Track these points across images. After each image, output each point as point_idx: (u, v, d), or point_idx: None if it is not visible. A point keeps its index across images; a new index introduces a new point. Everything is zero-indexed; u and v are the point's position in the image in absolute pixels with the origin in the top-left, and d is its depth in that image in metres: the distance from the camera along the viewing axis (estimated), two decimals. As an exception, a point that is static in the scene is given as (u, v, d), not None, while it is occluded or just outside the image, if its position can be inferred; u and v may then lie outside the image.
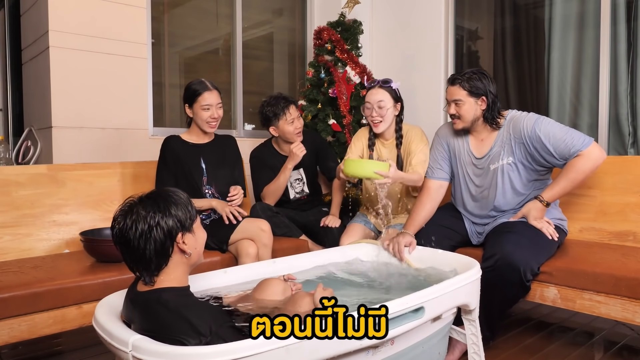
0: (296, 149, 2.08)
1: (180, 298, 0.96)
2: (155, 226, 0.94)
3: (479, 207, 1.73)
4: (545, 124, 1.57)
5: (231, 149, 2.01)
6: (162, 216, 0.95)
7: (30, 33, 2.50)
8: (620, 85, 2.32)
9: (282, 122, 2.12)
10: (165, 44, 2.82)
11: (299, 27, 3.38)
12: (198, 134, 1.93)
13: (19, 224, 1.75)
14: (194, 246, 1.01)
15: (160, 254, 0.96)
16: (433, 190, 1.78)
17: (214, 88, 1.88)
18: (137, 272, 0.99)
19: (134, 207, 0.96)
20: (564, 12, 2.51)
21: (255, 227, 1.74)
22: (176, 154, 1.87)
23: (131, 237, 0.94)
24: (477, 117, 1.66)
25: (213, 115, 1.86)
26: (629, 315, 1.37)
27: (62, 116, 2.25)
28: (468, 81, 1.63)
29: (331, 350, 0.94)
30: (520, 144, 1.60)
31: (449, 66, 2.89)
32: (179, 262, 0.99)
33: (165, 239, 0.95)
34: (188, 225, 0.99)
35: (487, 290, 1.38)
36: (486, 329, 1.52)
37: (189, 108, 1.89)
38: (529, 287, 1.49)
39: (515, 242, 1.48)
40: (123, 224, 0.95)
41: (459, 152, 1.76)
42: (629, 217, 1.74)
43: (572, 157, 1.53)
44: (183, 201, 0.99)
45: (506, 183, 1.65)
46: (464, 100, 1.64)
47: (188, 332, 0.89)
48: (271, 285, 1.24)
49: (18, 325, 1.30)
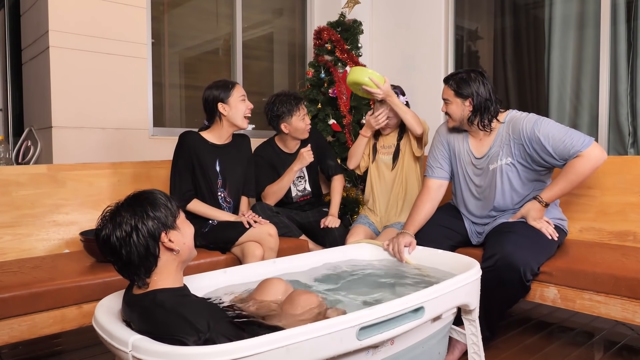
0: (306, 153, 2.08)
1: (176, 297, 0.96)
2: (133, 231, 0.93)
3: (480, 207, 1.73)
4: (544, 125, 1.56)
5: (245, 150, 2.00)
6: (140, 219, 0.94)
7: (30, 33, 2.50)
8: (620, 85, 2.32)
9: (295, 118, 2.11)
10: (165, 44, 2.82)
11: (299, 27, 3.38)
12: (221, 134, 1.88)
13: (19, 224, 1.75)
14: (182, 242, 1.00)
15: (146, 257, 0.95)
16: (433, 190, 1.77)
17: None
18: (129, 278, 0.99)
19: (112, 215, 0.96)
20: (564, 12, 2.51)
21: (262, 231, 1.74)
22: (195, 151, 1.82)
23: (114, 244, 0.94)
24: (465, 118, 1.67)
25: (250, 106, 1.87)
26: (629, 315, 1.37)
27: (62, 116, 2.25)
28: (456, 82, 1.65)
29: (331, 350, 0.94)
30: (519, 145, 1.60)
31: (448, 66, 2.89)
32: (169, 260, 0.99)
33: (148, 242, 0.94)
34: (171, 223, 0.98)
35: (487, 290, 1.38)
36: (486, 329, 1.52)
37: (224, 105, 1.82)
38: (529, 287, 1.49)
39: (515, 242, 1.48)
40: (104, 233, 0.95)
41: (459, 151, 1.76)
42: (629, 217, 1.74)
43: (571, 158, 1.52)
44: (161, 201, 0.98)
45: (505, 183, 1.64)
46: (451, 100, 1.67)
47: (186, 330, 0.89)
48: (272, 285, 1.23)
49: (18, 325, 1.30)
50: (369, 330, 0.99)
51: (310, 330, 0.91)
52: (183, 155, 1.82)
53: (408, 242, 1.59)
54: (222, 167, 1.87)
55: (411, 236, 1.63)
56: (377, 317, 1.00)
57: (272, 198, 2.15)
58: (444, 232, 1.71)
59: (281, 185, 2.13)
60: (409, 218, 1.74)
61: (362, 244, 1.70)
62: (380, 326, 1.01)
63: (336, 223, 2.10)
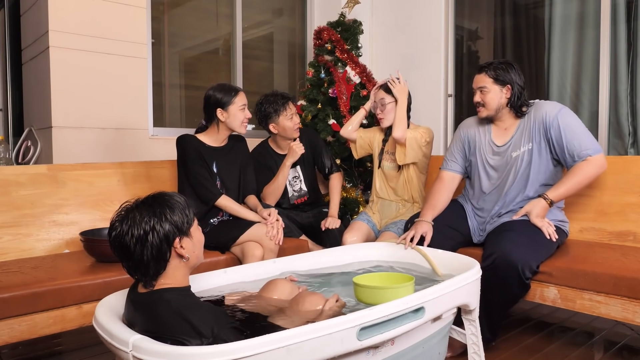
0: (296, 146, 2.08)
1: (182, 298, 0.96)
2: (151, 231, 0.93)
3: (491, 200, 1.73)
4: (568, 116, 1.61)
5: (243, 151, 2.00)
6: (158, 221, 0.94)
7: (30, 33, 2.50)
8: (620, 85, 2.31)
9: (282, 117, 2.11)
10: (165, 44, 2.82)
11: (299, 27, 3.38)
12: (217, 137, 1.88)
13: (19, 224, 1.74)
14: (192, 250, 1.00)
15: (158, 259, 0.95)
16: (447, 181, 1.81)
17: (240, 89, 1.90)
18: (136, 277, 0.99)
19: (130, 212, 0.95)
20: (564, 12, 2.51)
21: (263, 232, 1.74)
22: (198, 153, 1.83)
23: (127, 242, 0.93)
24: (502, 106, 1.69)
25: (248, 115, 1.87)
26: (629, 315, 1.37)
27: (62, 116, 2.25)
28: (494, 69, 1.67)
29: (332, 351, 0.94)
30: (540, 128, 1.63)
31: (448, 66, 2.88)
32: (177, 266, 0.99)
33: (162, 244, 0.94)
34: (185, 230, 0.98)
35: (486, 290, 1.38)
36: (487, 330, 1.52)
37: (223, 111, 1.82)
38: (528, 285, 1.49)
39: (513, 239, 1.48)
40: (120, 229, 0.94)
41: (479, 143, 1.78)
42: (629, 217, 1.74)
43: (580, 159, 1.57)
44: (180, 205, 0.98)
45: (522, 169, 1.65)
46: (489, 87, 1.68)
47: (189, 333, 0.89)
48: (279, 285, 1.24)
49: (18, 325, 1.30)
50: (369, 330, 0.99)
51: (310, 330, 0.91)
52: (192, 157, 1.81)
53: (424, 231, 1.61)
54: (219, 169, 1.88)
55: (429, 224, 1.65)
56: (378, 318, 1.00)
57: (270, 198, 2.15)
58: (446, 231, 1.70)
59: (277, 183, 2.13)
60: (426, 205, 1.75)
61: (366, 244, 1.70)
62: (380, 326, 1.01)
63: (336, 224, 2.09)
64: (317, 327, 0.92)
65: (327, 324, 0.94)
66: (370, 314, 0.99)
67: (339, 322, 0.95)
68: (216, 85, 1.87)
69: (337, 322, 0.95)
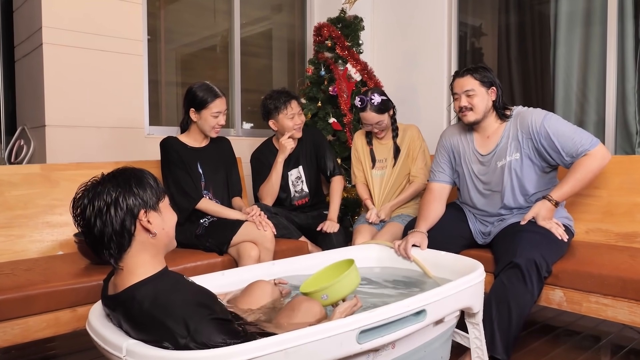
0: (285, 141, 2.07)
1: (153, 295, 0.89)
2: (112, 203, 0.89)
3: (488, 205, 1.71)
4: (554, 121, 1.58)
5: (227, 152, 2.00)
6: (122, 192, 0.90)
7: (23, 29, 2.47)
8: (628, 82, 2.28)
9: (282, 115, 2.08)
10: (161, 41, 2.79)
11: (298, 24, 3.34)
12: (197, 137, 1.90)
13: (12, 225, 1.72)
14: (161, 226, 0.95)
15: (121, 234, 0.90)
16: (437, 192, 1.79)
17: (222, 94, 1.86)
18: (100, 255, 0.93)
19: (95, 184, 0.92)
20: (570, 8, 2.47)
21: (256, 230, 1.71)
22: (180, 155, 1.84)
23: (88, 215, 0.90)
24: (489, 108, 1.66)
25: (220, 122, 1.86)
26: (636, 319, 1.35)
27: (55, 115, 2.22)
28: (478, 72, 1.64)
29: (331, 354, 0.93)
30: (528, 139, 1.60)
31: (452, 64, 2.84)
32: (144, 243, 0.93)
33: (125, 217, 0.90)
34: (153, 204, 0.93)
35: (501, 299, 1.36)
36: (503, 351, 1.38)
37: (195, 113, 1.84)
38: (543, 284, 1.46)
39: (528, 239, 1.47)
40: (80, 202, 0.91)
41: (463, 152, 1.75)
42: (636, 218, 1.71)
43: (579, 157, 1.54)
44: (148, 180, 0.95)
45: (514, 180, 1.63)
46: (476, 90, 1.64)
47: (165, 337, 0.85)
48: (259, 288, 1.22)
49: (11, 328, 1.28)
50: (369, 333, 0.97)
51: (309, 333, 0.90)
52: (174, 160, 1.83)
53: (418, 240, 1.57)
54: (204, 169, 1.88)
55: (422, 234, 1.61)
56: (378, 320, 0.98)
57: (267, 197, 2.12)
58: (450, 239, 1.67)
59: (272, 181, 2.10)
60: (419, 218, 1.73)
61: (369, 245, 1.67)
62: (381, 329, 0.99)
63: (335, 228, 2.05)
64: (316, 330, 0.91)
65: (326, 327, 0.93)
66: (370, 317, 0.97)
67: (338, 325, 0.94)
68: (201, 84, 1.86)
69: (336, 325, 0.94)
